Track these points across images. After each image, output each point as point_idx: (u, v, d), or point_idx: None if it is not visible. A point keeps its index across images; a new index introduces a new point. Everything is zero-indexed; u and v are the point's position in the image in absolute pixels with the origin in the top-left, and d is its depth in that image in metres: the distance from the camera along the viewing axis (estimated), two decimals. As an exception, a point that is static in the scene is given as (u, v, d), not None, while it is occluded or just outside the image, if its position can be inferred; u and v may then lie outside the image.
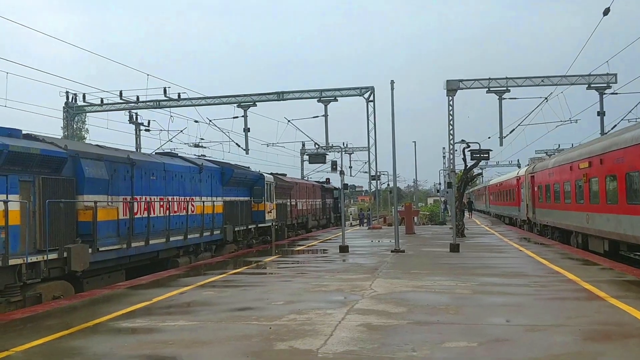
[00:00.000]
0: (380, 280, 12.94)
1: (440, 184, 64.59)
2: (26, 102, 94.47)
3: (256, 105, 36.21)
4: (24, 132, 13.09)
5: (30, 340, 7.80)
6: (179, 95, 34.60)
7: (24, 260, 11.24)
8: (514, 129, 34.55)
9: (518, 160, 76.10)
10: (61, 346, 7.57)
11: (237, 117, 36.40)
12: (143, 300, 10.90)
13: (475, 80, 33.00)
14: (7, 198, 11.19)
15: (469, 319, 8.64)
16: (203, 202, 20.51)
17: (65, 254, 12.29)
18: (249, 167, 29.68)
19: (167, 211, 17.65)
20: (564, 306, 9.62)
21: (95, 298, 11.56)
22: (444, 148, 68.40)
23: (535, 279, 12.82)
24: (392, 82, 20.77)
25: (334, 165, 38.09)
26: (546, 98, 32.72)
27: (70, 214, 13.22)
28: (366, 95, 35.57)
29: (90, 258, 13.01)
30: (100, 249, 13.71)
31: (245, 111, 36.01)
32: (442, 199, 49.91)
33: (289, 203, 34.10)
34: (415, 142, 53.00)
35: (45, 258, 11.84)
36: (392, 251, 19.72)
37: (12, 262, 10.91)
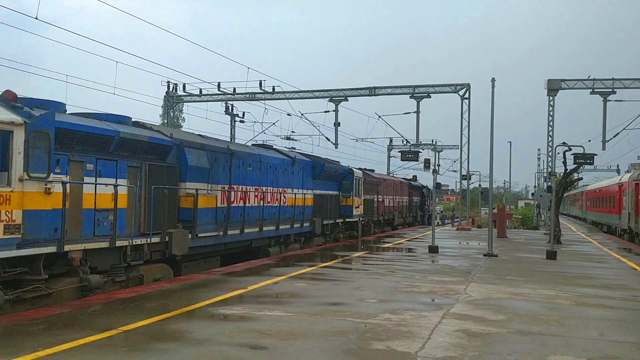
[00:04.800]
0: (475, 284, 12.61)
1: (535, 186, 62.03)
2: (129, 90, 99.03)
3: (347, 100, 36.18)
4: (132, 119, 13.73)
5: (134, 321, 8.16)
6: (273, 89, 35.14)
7: (129, 242, 11.79)
8: (618, 133, 32.74)
9: (618, 166, 72.17)
10: (163, 329, 7.87)
11: (328, 111, 36.57)
12: (239, 288, 11.19)
13: (578, 80, 31.49)
14: (116, 182, 11.76)
15: (573, 332, 8.25)
16: (295, 194, 20.78)
17: (167, 238, 12.79)
18: (338, 161, 29.75)
19: (262, 201, 18.02)
20: (678, 326, 9.00)
21: (193, 282, 11.98)
22: (539, 149, 65.84)
23: (639, 292, 12.11)
24: (493, 79, 20.10)
25: (426, 163, 37.38)
26: (656, 101, 30.74)
27: (173, 200, 13.73)
28: (461, 93, 34.71)
29: (189, 243, 13.46)
30: (199, 235, 14.16)
31: (336, 105, 36.04)
32: (536, 202, 47.91)
33: (376, 199, 33.91)
34: (510, 142, 51.17)
35: (148, 241, 12.37)
36: (484, 255, 19.18)
37: (118, 243, 11.46)
